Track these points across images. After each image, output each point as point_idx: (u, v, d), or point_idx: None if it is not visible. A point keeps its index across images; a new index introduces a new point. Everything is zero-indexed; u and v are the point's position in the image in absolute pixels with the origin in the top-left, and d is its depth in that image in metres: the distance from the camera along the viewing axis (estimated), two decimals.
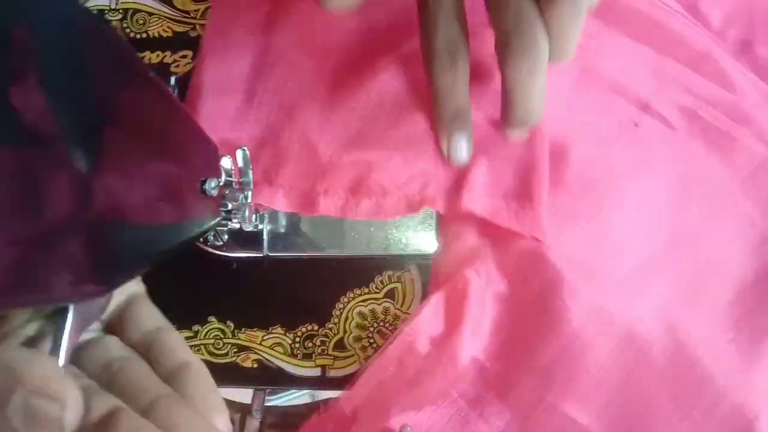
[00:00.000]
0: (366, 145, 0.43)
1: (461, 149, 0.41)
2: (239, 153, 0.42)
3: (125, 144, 0.26)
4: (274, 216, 0.45)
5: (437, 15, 0.39)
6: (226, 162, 0.42)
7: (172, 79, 0.40)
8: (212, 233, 0.44)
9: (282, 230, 0.46)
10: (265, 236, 0.45)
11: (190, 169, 0.34)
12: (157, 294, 0.46)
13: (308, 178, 0.43)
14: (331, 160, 0.43)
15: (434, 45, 0.39)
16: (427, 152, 0.42)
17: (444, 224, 0.45)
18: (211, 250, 0.45)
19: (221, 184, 0.41)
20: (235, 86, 0.45)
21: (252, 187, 0.42)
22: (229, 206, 0.41)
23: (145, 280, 0.38)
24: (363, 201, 0.43)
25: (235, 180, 0.42)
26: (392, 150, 0.43)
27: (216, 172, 0.38)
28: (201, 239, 0.44)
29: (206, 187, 0.35)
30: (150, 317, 0.35)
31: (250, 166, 0.42)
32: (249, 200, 0.42)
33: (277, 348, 0.45)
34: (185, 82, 0.46)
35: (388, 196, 0.42)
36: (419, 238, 0.45)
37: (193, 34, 0.48)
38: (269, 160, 0.44)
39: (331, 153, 0.43)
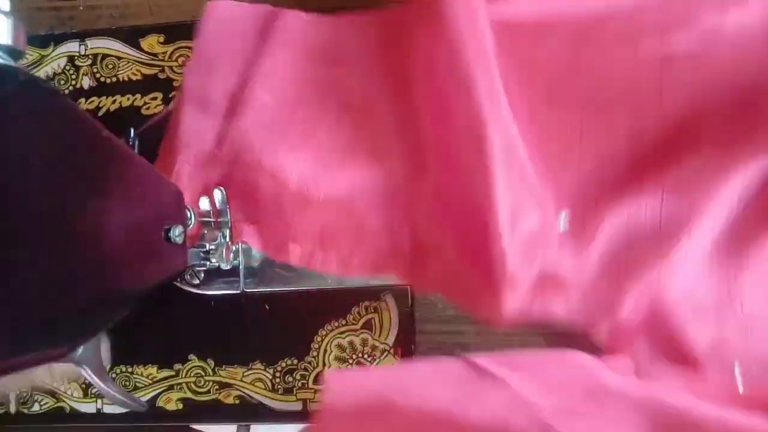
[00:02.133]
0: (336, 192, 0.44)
1: None
2: (216, 193, 0.43)
3: (80, 199, 0.26)
4: (248, 251, 0.46)
5: None
6: (203, 203, 0.43)
7: (131, 131, 0.41)
8: (189, 272, 0.44)
9: (257, 265, 0.46)
10: (241, 273, 0.46)
11: (151, 220, 0.34)
12: (136, 334, 0.47)
13: (278, 224, 0.44)
14: (301, 192, 0.44)
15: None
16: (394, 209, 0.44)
17: None
18: (188, 288, 0.46)
19: (191, 226, 0.41)
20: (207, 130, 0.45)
21: (230, 225, 0.43)
22: (207, 246, 0.42)
23: (124, 320, 0.38)
24: (330, 254, 0.44)
25: (213, 220, 0.43)
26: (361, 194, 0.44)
27: (180, 216, 0.39)
28: (178, 278, 0.44)
29: (171, 234, 0.35)
30: None
31: (228, 206, 0.43)
32: (227, 239, 0.43)
33: (258, 384, 0.45)
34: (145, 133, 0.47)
35: (354, 255, 0.44)
36: None
37: (162, 76, 0.49)
38: (242, 195, 0.45)
39: (302, 186, 0.44)
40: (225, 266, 0.43)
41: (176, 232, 0.35)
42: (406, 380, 0.39)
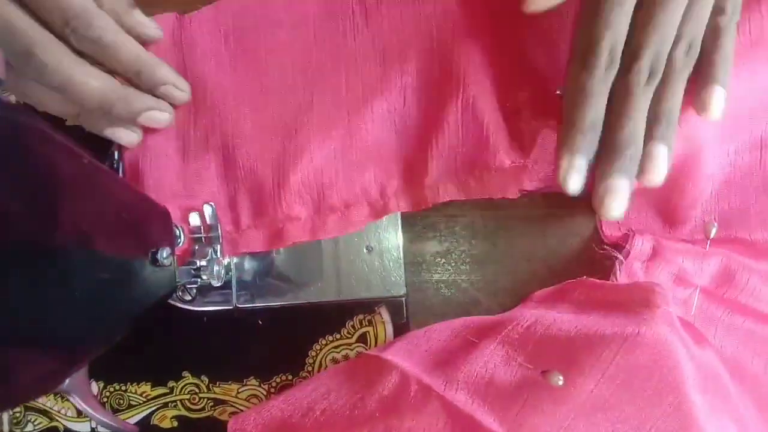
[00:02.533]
0: (309, 165, 0.43)
1: (577, 177, 0.37)
2: (206, 208, 0.43)
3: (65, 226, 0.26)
4: (240, 265, 0.45)
5: (611, 12, 0.37)
6: (193, 218, 0.43)
7: (116, 153, 0.40)
8: (180, 289, 0.44)
9: (249, 279, 0.46)
10: (233, 287, 0.45)
11: (137, 244, 0.34)
12: (129, 352, 0.46)
13: (266, 212, 0.44)
14: (280, 188, 0.43)
15: (597, 45, 0.37)
16: (372, 159, 0.43)
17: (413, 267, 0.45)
18: (180, 305, 0.45)
19: (179, 245, 0.41)
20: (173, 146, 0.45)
21: (221, 241, 0.43)
22: (198, 263, 0.42)
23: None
24: (329, 216, 0.43)
25: (204, 235, 0.43)
26: (337, 163, 0.43)
27: (169, 237, 0.38)
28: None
29: (158, 257, 0.35)
30: None
31: (218, 221, 0.43)
32: (217, 255, 0.43)
33: (252, 400, 0.45)
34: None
35: (351, 207, 0.43)
36: (387, 279, 0.45)
37: None
38: (229, 205, 0.44)
39: (278, 182, 0.43)
40: (216, 283, 0.42)
41: (164, 255, 0.34)
42: (306, 394, 0.40)
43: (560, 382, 0.35)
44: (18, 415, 0.47)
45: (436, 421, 0.37)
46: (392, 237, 0.45)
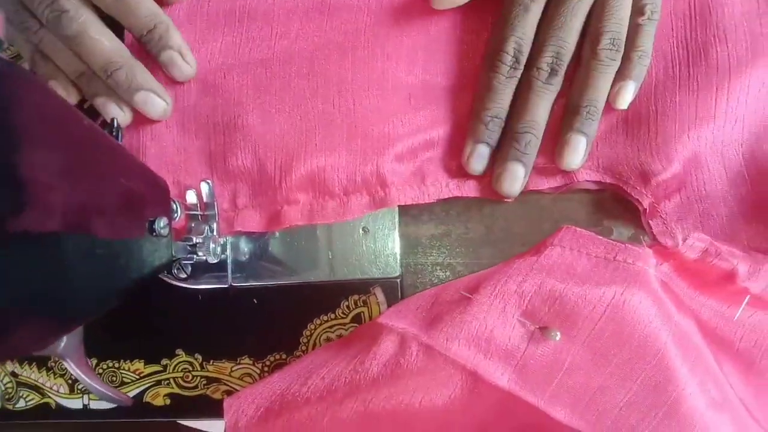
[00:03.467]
0: (313, 150, 0.43)
1: (479, 161, 0.43)
2: (203, 186, 0.43)
3: (63, 190, 0.26)
4: (236, 245, 0.46)
5: (516, 18, 0.41)
6: (190, 196, 0.43)
7: (115, 121, 0.40)
8: (176, 266, 0.44)
9: (245, 259, 0.46)
10: (229, 266, 0.45)
11: (135, 211, 0.34)
12: (123, 328, 0.46)
13: (266, 193, 0.44)
14: (282, 174, 0.43)
15: (503, 47, 0.42)
16: (375, 149, 0.43)
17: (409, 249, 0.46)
18: (175, 282, 0.45)
19: (176, 219, 0.41)
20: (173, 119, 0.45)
21: (217, 219, 0.43)
22: (194, 240, 0.42)
23: (111, 315, 0.38)
24: (328, 202, 0.44)
25: (200, 213, 0.43)
26: (340, 150, 0.43)
27: (166, 209, 0.38)
28: (165, 272, 0.44)
29: (155, 226, 0.35)
30: None
31: (215, 199, 0.43)
32: (214, 232, 0.43)
33: (246, 378, 0.45)
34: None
35: (351, 195, 0.43)
36: (383, 261, 0.46)
37: None
38: (226, 182, 0.45)
39: (280, 164, 0.43)
40: (212, 260, 0.42)
41: (161, 224, 0.34)
42: (304, 366, 0.40)
43: (557, 338, 0.36)
44: (10, 390, 0.47)
45: (441, 378, 0.38)
46: (388, 219, 0.45)
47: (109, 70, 0.39)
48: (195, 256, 0.41)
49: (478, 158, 0.43)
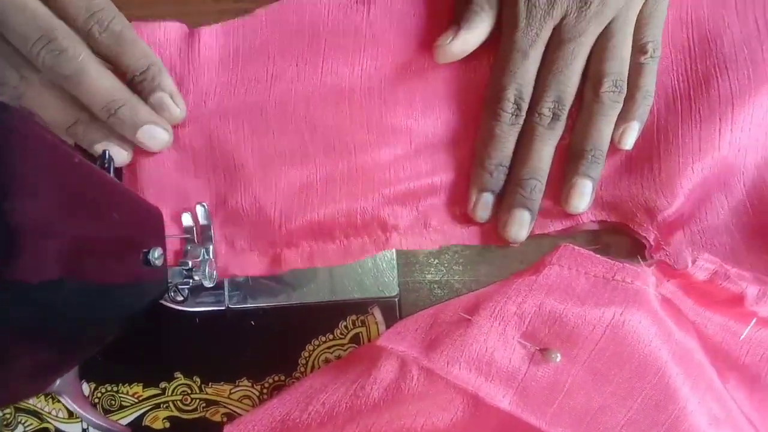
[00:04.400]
0: (314, 194, 0.43)
1: (485, 210, 0.43)
2: (199, 209, 0.43)
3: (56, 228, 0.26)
4: None
5: (516, 64, 0.41)
6: (186, 219, 0.43)
7: (106, 153, 0.40)
8: (173, 289, 0.44)
9: (241, 280, 0.46)
10: (225, 288, 0.45)
11: (129, 244, 0.33)
12: (121, 353, 0.46)
13: (265, 236, 0.43)
14: (283, 219, 0.43)
15: (504, 94, 0.41)
16: (376, 193, 0.43)
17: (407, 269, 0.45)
18: (172, 305, 0.45)
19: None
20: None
21: (213, 242, 0.43)
22: (190, 264, 0.41)
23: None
24: (329, 245, 0.43)
25: (196, 236, 0.42)
26: (341, 194, 0.43)
27: (160, 241, 0.38)
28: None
29: (150, 257, 0.35)
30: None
31: (210, 222, 0.43)
32: (210, 256, 0.43)
33: (245, 401, 0.45)
34: None
35: (351, 238, 0.43)
36: (380, 280, 0.45)
37: None
38: (225, 225, 0.44)
39: (280, 208, 0.43)
40: (208, 284, 0.42)
41: (155, 255, 0.34)
42: (303, 391, 0.40)
43: (558, 359, 0.36)
44: (8, 416, 0.47)
45: (443, 402, 0.38)
46: None
47: (113, 108, 0.39)
48: (191, 280, 0.41)
49: (484, 207, 0.43)
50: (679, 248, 0.41)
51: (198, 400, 0.45)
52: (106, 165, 0.35)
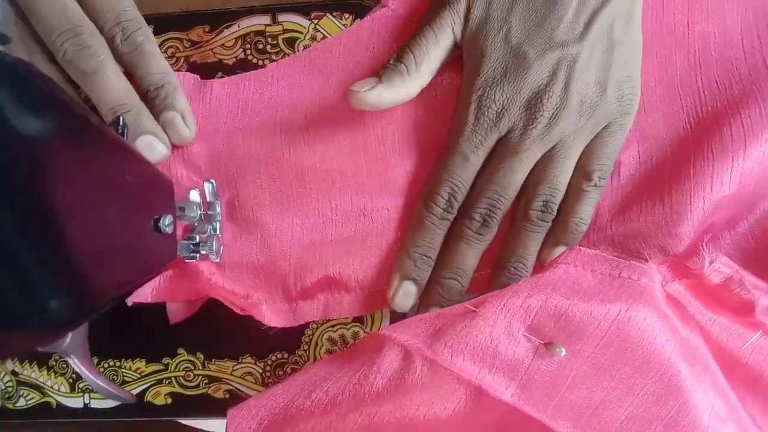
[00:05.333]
0: (329, 248, 0.44)
1: (406, 299, 0.42)
2: (207, 186, 0.43)
3: (69, 191, 0.26)
4: None
5: (455, 164, 0.41)
6: (194, 195, 0.43)
7: (121, 119, 0.40)
8: None
9: None
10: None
11: (141, 209, 0.34)
12: (124, 327, 0.46)
13: (280, 289, 0.44)
14: (297, 268, 0.44)
15: (438, 190, 0.41)
16: (393, 246, 0.44)
17: None
18: None
19: (196, 219, 0.41)
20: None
21: (219, 218, 0.43)
22: (197, 238, 0.42)
23: (112, 314, 0.38)
24: (344, 297, 0.44)
25: (203, 212, 0.43)
26: (357, 248, 0.44)
27: (170, 208, 0.38)
28: None
29: (160, 224, 0.35)
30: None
31: (218, 199, 0.43)
32: (217, 231, 0.43)
33: (248, 378, 0.45)
34: None
35: (367, 289, 0.43)
36: None
37: None
38: (235, 276, 0.44)
39: (295, 261, 0.44)
40: (215, 259, 0.42)
41: (166, 222, 0.34)
42: (307, 378, 0.40)
43: (563, 353, 0.36)
44: (10, 389, 0.47)
45: (445, 393, 0.38)
46: None
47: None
48: (198, 254, 0.41)
49: (405, 296, 0.42)
50: (699, 249, 0.41)
51: (201, 377, 0.45)
52: (120, 131, 0.35)
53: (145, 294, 0.42)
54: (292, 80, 0.45)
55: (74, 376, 0.46)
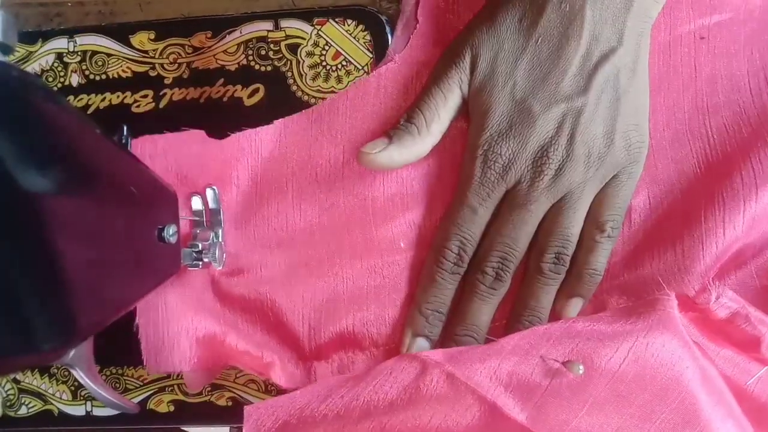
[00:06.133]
0: (342, 307, 0.43)
1: (419, 350, 0.41)
2: (209, 192, 0.43)
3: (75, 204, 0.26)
4: None
5: (464, 218, 0.41)
6: (196, 202, 0.43)
7: (124, 128, 0.40)
8: None
9: None
10: None
11: (145, 220, 0.33)
12: (127, 335, 0.46)
13: (295, 350, 0.44)
14: (311, 329, 0.44)
15: (447, 244, 0.41)
16: (406, 302, 0.43)
17: None
18: None
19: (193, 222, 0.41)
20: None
21: (222, 225, 0.43)
22: (200, 246, 0.42)
23: (115, 322, 0.38)
24: (358, 356, 0.43)
25: (205, 219, 0.42)
26: (369, 305, 0.43)
27: (174, 218, 0.38)
28: None
29: (164, 234, 0.35)
30: None
31: (220, 205, 0.43)
32: (219, 239, 0.43)
33: (250, 385, 0.45)
34: (139, 123, 0.47)
35: (380, 347, 0.43)
36: None
37: (152, 73, 0.48)
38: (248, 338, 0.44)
39: (308, 322, 0.44)
40: (218, 266, 0.42)
41: (170, 232, 0.34)
42: (326, 384, 0.40)
43: (581, 371, 0.36)
44: (12, 397, 0.47)
45: (460, 408, 0.38)
46: None
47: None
48: (201, 262, 0.41)
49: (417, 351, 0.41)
50: (707, 284, 0.40)
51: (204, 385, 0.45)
52: (124, 141, 0.35)
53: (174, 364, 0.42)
54: (299, 137, 0.45)
55: (76, 383, 0.46)
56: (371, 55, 0.46)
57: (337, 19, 0.46)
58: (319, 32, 0.47)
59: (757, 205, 0.39)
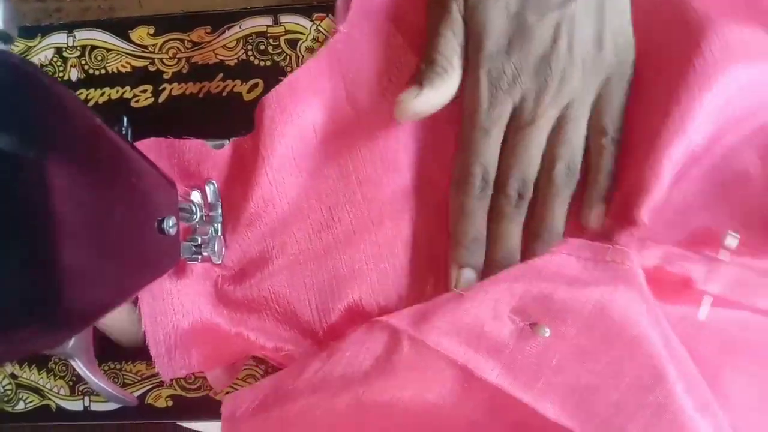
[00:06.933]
0: (339, 280, 0.43)
1: (467, 282, 0.41)
2: (209, 187, 0.43)
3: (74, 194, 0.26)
4: None
5: (478, 142, 0.41)
6: (195, 196, 0.42)
7: (125, 120, 0.39)
8: None
9: None
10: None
11: (145, 211, 0.33)
12: None
13: (309, 337, 0.43)
14: (320, 311, 0.43)
15: (471, 171, 0.41)
16: (397, 269, 0.43)
17: None
18: None
19: (195, 221, 0.41)
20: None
21: (221, 220, 0.43)
22: (199, 240, 0.41)
23: None
24: None
25: (205, 213, 0.42)
26: (370, 274, 0.43)
27: (174, 210, 0.38)
28: None
29: (164, 226, 0.35)
30: None
31: (219, 200, 0.43)
32: (218, 233, 0.43)
33: (249, 380, 0.45)
34: (138, 118, 0.47)
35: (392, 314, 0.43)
36: None
37: (151, 68, 0.48)
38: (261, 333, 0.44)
39: (315, 305, 0.43)
40: (217, 260, 0.42)
41: (170, 223, 0.34)
42: (298, 362, 0.40)
43: (546, 334, 0.37)
44: (9, 392, 0.47)
45: (433, 374, 0.38)
46: None
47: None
48: (200, 256, 0.41)
49: (468, 283, 0.41)
50: (628, 241, 0.41)
51: (202, 379, 0.45)
52: (124, 132, 0.35)
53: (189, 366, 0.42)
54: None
55: (74, 378, 0.46)
56: None
57: None
58: (318, 27, 0.47)
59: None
